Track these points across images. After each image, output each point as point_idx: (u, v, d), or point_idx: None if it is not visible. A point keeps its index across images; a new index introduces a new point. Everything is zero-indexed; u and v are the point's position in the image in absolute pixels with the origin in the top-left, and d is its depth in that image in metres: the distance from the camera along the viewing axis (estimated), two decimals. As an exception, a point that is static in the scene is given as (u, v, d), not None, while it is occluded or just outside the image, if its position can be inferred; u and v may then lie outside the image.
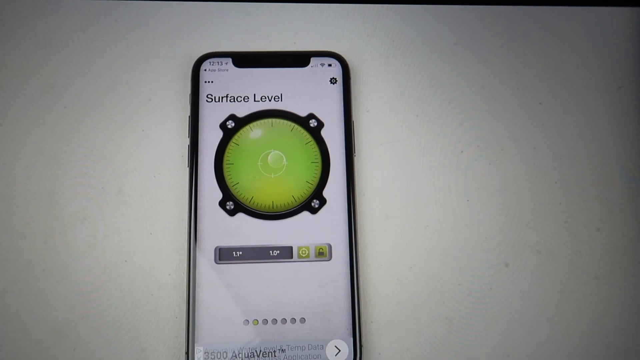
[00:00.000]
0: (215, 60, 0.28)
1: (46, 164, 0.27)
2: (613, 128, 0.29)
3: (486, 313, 0.26)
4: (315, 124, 0.27)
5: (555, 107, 0.29)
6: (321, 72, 0.28)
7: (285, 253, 0.25)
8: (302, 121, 0.27)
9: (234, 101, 0.27)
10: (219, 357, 0.24)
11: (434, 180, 0.28)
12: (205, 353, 0.24)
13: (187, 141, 0.27)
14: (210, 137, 0.27)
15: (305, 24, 0.30)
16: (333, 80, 0.27)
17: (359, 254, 0.26)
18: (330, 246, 0.25)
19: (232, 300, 0.25)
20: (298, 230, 0.26)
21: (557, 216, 0.28)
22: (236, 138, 0.27)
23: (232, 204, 0.26)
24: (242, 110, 0.27)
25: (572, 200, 0.28)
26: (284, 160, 0.26)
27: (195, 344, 0.24)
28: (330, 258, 0.25)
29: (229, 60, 0.28)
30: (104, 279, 0.26)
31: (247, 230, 0.26)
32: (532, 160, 0.28)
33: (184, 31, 0.29)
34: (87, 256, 0.26)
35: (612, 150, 0.29)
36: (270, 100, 0.27)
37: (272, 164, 0.26)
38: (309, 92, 0.27)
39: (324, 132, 0.27)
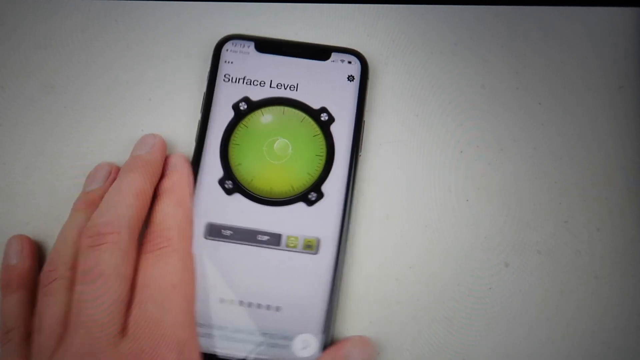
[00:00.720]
0: (239, 42, 0.28)
1: (46, 163, 0.27)
2: (613, 128, 0.29)
3: (486, 313, 0.26)
4: (326, 117, 0.27)
5: (555, 107, 0.29)
6: (340, 67, 0.28)
7: (274, 240, 0.25)
8: (314, 113, 0.27)
9: (250, 84, 0.27)
10: None
11: (434, 180, 0.28)
12: None
13: (199, 116, 0.27)
14: (221, 116, 0.27)
15: (305, 24, 0.30)
16: (350, 78, 0.27)
17: (348, 253, 0.26)
18: (319, 240, 0.25)
19: (213, 276, 0.24)
20: (291, 220, 0.26)
21: (557, 216, 0.28)
22: (246, 120, 0.27)
23: (232, 183, 0.26)
24: (256, 94, 0.27)
25: (572, 200, 0.28)
26: (290, 149, 0.26)
27: None
28: (317, 252, 0.25)
29: (252, 44, 0.28)
30: (104, 279, 0.26)
31: (240, 212, 0.26)
32: (532, 160, 0.28)
33: (184, 31, 0.29)
34: (87, 256, 0.26)
35: (612, 150, 0.29)
36: (285, 89, 0.27)
37: (277, 150, 0.26)
38: (325, 86, 0.27)
39: (333, 127, 0.27)
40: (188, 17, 0.29)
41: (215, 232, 0.25)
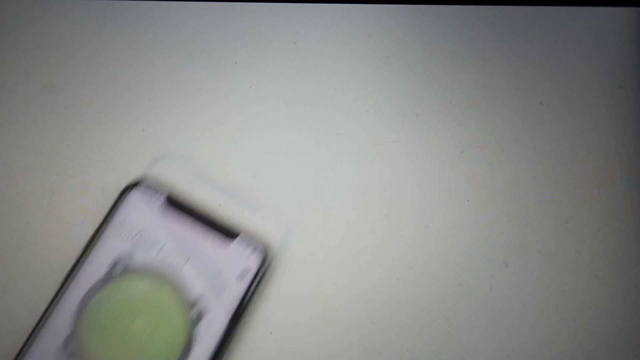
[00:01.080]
0: (149, 191, 0.25)
1: (46, 163, 0.27)
2: (613, 128, 0.29)
3: (486, 313, 0.26)
4: (197, 314, 0.24)
5: (556, 107, 0.29)
6: (238, 257, 0.24)
7: None
8: (187, 303, 0.24)
9: (141, 242, 0.24)
10: None
11: (434, 180, 0.28)
12: None
13: (72, 261, 0.25)
14: (93, 270, 0.24)
15: (305, 24, 0.30)
16: (243, 274, 0.24)
17: None
18: None
19: None
20: None
21: (558, 216, 0.28)
22: (117, 283, 0.24)
23: (73, 349, 0.23)
24: (140, 257, 0.24)
25: (573, 200, 0.28)
26: (146, 332, 0.23)
27: None
28: None
29: (163, 197, 0.25)
30: (104, 279, 0.25)
31: None
32: (533, 160, 0.28)
33: (184, 31, 0.29)
34: (87, 256, 0.26)
35: (612, 150, 0.29)
36: (175, 259, 0.24)
37: (133, 328, 0.23)
38: (214, 272, 0.24)
39: (201, 326, 0.23)
40: (188, 17, 0.29)
41: None
